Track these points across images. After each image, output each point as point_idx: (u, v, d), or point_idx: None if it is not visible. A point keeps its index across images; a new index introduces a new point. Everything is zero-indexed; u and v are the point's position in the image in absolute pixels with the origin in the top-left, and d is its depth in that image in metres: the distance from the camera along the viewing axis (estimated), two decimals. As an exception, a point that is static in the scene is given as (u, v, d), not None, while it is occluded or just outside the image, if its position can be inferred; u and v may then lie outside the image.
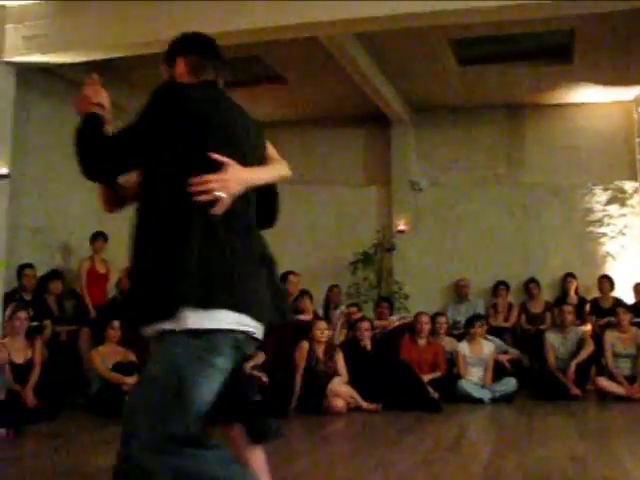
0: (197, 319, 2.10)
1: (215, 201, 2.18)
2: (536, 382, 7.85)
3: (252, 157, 2.36)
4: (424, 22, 6.49)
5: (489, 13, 6.08)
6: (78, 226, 8.79)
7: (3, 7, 7.02)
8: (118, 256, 8.15)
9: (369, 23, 6.40)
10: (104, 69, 8.39)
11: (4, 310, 6.95)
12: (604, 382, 7.51)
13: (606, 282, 9.15)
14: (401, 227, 10.13)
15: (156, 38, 6.50)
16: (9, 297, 7.25)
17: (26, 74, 7.52)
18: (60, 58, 7.17)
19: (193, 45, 2.49)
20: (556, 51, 8.31)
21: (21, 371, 6.45)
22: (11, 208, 7.31)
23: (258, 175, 2.38)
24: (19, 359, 6.50)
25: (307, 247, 10.24)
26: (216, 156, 2.20)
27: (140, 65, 8.26)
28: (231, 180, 2.21)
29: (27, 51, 7.02)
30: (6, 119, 7.11)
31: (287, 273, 7.89)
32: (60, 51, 7.02)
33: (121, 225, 8.65)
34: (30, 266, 7.72)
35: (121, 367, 6.84)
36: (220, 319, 2.13)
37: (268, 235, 2.51)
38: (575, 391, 7.53)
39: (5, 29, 7.05)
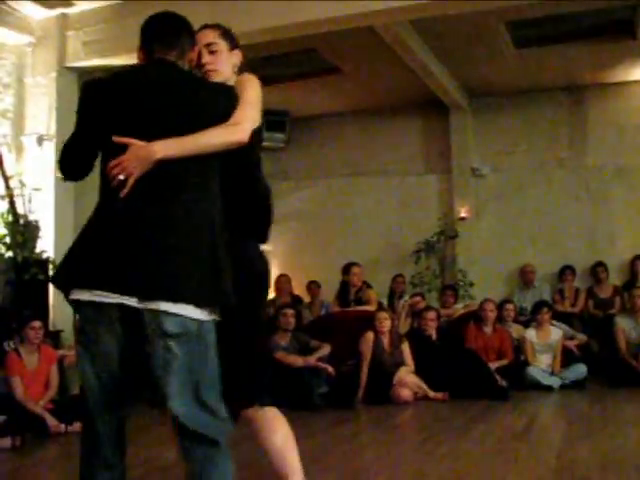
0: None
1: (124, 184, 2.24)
2: (607, 368, 7.66)
3: (174, 127, 2.27)
4: (479, 6, 6.39)
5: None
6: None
7: (65, 15, 7.21)
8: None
9: (423, 9, 6.34)
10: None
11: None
12: (679, 366, 7.30)
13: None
14: (463, 214, 10.02)
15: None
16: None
17: (88, 78, 7.69)
18: (120, 61, 7.28)
19: (142, 33, 2.54)
20: (617, 27, 8.05)
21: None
22: (77, 209, 7.47)
23: (171, 148, 2.24)
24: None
25: (370, 237, 10.23)
26: (115, 139, 2.26)
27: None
28: (129, 160, 2.22)
29: (87, 56, 7.21)
30: (70, 123, 7.23)
31: (350, 264, 7.91)
32: (120, 54, 7.14)
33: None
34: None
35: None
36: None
37: (331, 227, 2.51)
38: (648, 376, 7.34)
39: (66, 36, 7.24)
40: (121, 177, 2.22)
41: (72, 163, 2.49)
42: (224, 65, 2.70)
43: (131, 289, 2.20)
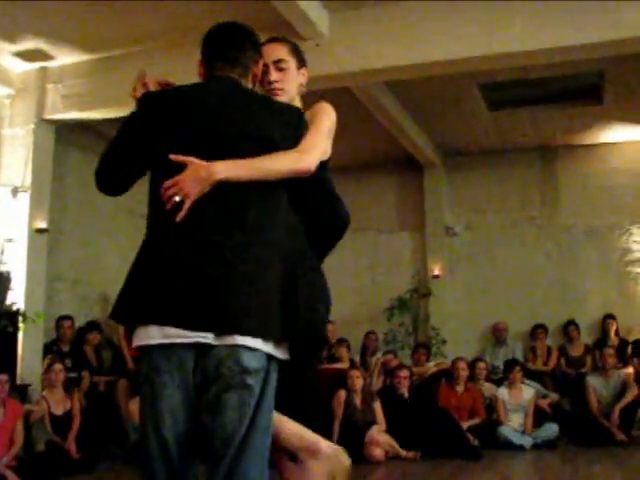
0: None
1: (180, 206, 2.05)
2: (579, 427, 7.65)
3: (238, 149, 2.12)
4: (453, 69, 6.56)
5: (517, 58, 6.14)
6: (115, 278, 8.87)
7: (44, 68, 7.28)
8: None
9: (399, 72, 6.50)
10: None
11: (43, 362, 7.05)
12: (650, 427, 7.32)
13: (648, 323, 8.98)
14: (436, 272, 10.09)
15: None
16: (48, 348, 7.36)
17: (65, 131, 7.74)
18: (97, 114, 7.37)
19: (205, 43, 2.35)
20: (586, 92, 8.31)
21: (60, 423, 6.50)
22: (50, 261, 7.47)
23: (233, 169, 2.07)
24: (58, 411, 6.55)
25: (343, 294, 10.17)
26: (173, 157, 2.07)
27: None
28: (187, 180, 2.03)
29: (66, 109, 7.26)
30: (45, 175, 7.32)
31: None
32: (98, 107, 7.23)
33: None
34: (68, 318, 7.82)
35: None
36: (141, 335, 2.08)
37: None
38: (620, 436, 7.33)
39: (46, 89, 7.30)
40: (177, 199, 2.03)
41: (114, 175, 2.29)
42: (291, 84, 2.53)
43: (207, 323, 1.99)
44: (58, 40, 6.78)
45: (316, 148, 2.24)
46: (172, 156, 2.07)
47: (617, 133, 9.56)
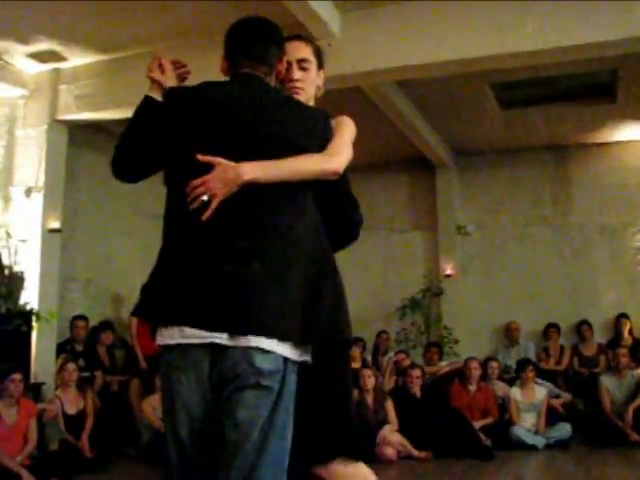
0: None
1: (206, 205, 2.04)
2: (592, 427, 7.62)
3: (265, 150, 2.11)
4: (465, 68, 6.54)
5: (529, 57, 6.11)
6: (129, 277, 8.95)
7: (57, 70, 7.33)
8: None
9: (411, 71, 6.49)
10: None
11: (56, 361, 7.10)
12: (664, 427, 7.27)
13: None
14: (448, 271, 10.07)
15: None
16: (61, 348, 7.41)
17: (78, 131, 7.79)
18: (110, 115, 7.40)
19: (228, 38, 2.35)
20: (599, 90, 8.27)
21: (73, 422, 6.55)
22: (63, 261, 7.51)
23: (260, 171, 2.06)
24: (71, 410, 6.60)
25: (355, 293, 10.08)
26: (200, 157, 2.06)
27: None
28: (214, 180, 2.03)
29: (79, 109, 7.30)
30: (58, 175, 7.37)
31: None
32: (110, 108, 7.26)
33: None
34: (82, 317, 7.86)
35: (171, 417, 6.85)
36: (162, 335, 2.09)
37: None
38: (634, 437, 7.27)
39: (59, 89, 7.35)
40: (204, 198, 2.03)
41: (132, 162, 2.23)
42: (311, 85, 2.53)
43: (221, 324, 1.99)
44: (71, 41, 6.83)
45: (343, 152, 2.26)
46: (200, 156, 2.06)
47: (630, 131, 9.50)
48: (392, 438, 6.79)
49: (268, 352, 2.00)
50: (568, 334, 9.50)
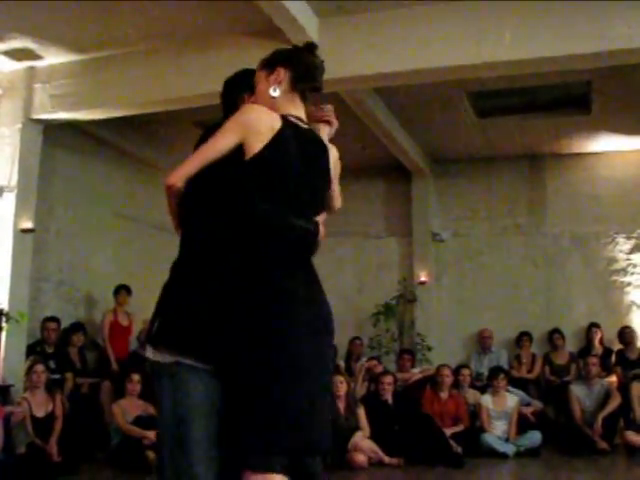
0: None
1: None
2: (562, 436, 7.69)
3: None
4: (442, 76, 6.58)
5: (506, 67, 6.16)
6: (101, 279, 8.88)
7: (32, 68, 7.25)
8: (141, 308, 8.21)
9: (388, 78, 6.51)
10: (129, 125, 8.61)
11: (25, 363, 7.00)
12: (632, 436, 7.30)
13: (630, 332, 9.01)
14: (423, 278, 10.11)
15: (177, 95, 6.69)
16: (31, 349, 7.31)
17: (53, 131, 7.70)
18: (85, 115, 7.36)
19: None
20: (574, 102, 8.36)
21: (42, 425, 6.46)
22: (35, 261, 7.42)
23: None
24: (40, 413, 6.51)
25: (329, 298, 10.15)
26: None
27: (165, 121, 8.46)
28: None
29: (54, 109, 7.22)
30: (32, 175, 7.27)
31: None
32: (85, 108, 7.21)
33: (144, 278, 8.73)
34: (53, 319, 7.76)
35: (141, 421, 6.82)
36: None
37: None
38: (602, 445, 7.35)
39: (34, 88, 7.26)
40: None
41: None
42: (262, 96, 2.53)
43: None
44: (46, 40, 6.75)
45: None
46: None
47: (604, 143, 9.61)
48: (363, 445, 6.78)
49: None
50: (540, 342, 9.57)
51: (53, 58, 7.13)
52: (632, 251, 9.71)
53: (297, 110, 2.42)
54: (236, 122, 2.26)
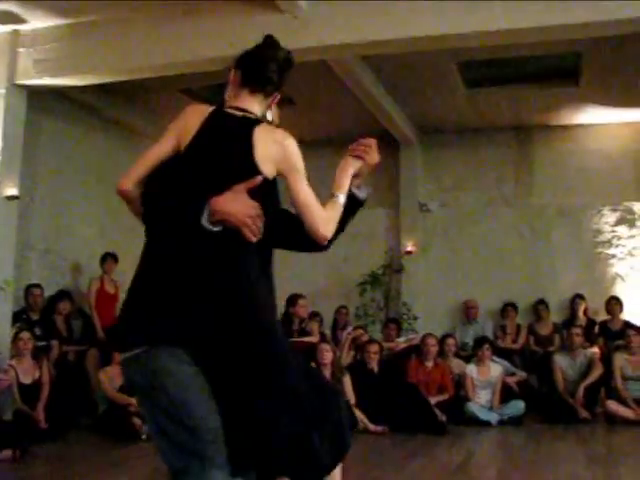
0: None
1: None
2: (544, 405, 7.80)
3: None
4: (432, 45, 6.52)
5: (496, 37, 6.12)
6: (88, 247, 8.85)
7: (16, 32, 7.12)
8: (128, 276, 8.19)
9: (377, 46, 6.44)
10: (115, 92, 8.52)
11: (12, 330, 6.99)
12: (613, 405, 7.44)
13: (615, 304, 9.10)
14: (409, 248, 10.14)
15: (164, 61, 6.62)
16: (17, 317, 7.29)
17: (37, 97, 7.60)
18: (71, 81, 7.25)
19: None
20: (563, 73, 8.34)
21: (29, 391, 6.48)
22: (20, 229, 7.37)
23: None
24: (26, 379, 6.52)
25: (315, 268, 10.22)
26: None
27: (152, 88, 8.37)
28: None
29: (38, 74, 7.09)
30: (17, 141, 7.18)
31: (295, 296, 7.86)
32: (71, 74, 7.09)
33: (130, 246, 8.69)
34: (37, 286, 7.75)
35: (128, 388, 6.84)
36: None
37: (275, 256, 2.47)
38: (584, 414, 7.47)
39: (18, 53, 7.14)
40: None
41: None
42: (231, 91, 2.62)
43: None
44: (31, 3, 6.62)
45: None
46: None
47: (592, 115, 9.61)
48: (349, 412, 6.83)
49: None
50: (525, 313, 9.66)
51: (38, 22, 6.98)
52: (617, 223, 9.77)
53: (240, 102, 2.46)
54: (173, 125, 2.40)
